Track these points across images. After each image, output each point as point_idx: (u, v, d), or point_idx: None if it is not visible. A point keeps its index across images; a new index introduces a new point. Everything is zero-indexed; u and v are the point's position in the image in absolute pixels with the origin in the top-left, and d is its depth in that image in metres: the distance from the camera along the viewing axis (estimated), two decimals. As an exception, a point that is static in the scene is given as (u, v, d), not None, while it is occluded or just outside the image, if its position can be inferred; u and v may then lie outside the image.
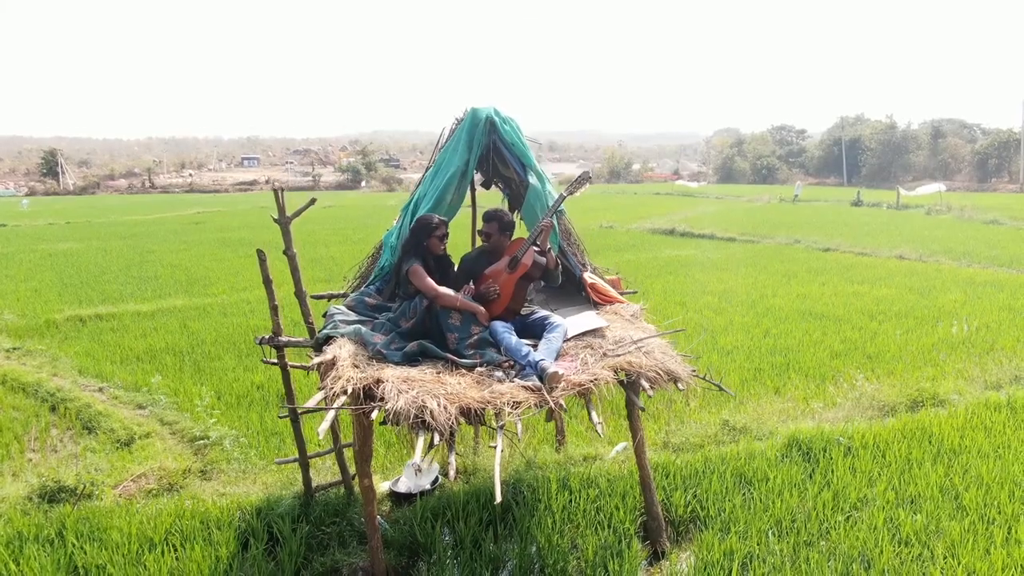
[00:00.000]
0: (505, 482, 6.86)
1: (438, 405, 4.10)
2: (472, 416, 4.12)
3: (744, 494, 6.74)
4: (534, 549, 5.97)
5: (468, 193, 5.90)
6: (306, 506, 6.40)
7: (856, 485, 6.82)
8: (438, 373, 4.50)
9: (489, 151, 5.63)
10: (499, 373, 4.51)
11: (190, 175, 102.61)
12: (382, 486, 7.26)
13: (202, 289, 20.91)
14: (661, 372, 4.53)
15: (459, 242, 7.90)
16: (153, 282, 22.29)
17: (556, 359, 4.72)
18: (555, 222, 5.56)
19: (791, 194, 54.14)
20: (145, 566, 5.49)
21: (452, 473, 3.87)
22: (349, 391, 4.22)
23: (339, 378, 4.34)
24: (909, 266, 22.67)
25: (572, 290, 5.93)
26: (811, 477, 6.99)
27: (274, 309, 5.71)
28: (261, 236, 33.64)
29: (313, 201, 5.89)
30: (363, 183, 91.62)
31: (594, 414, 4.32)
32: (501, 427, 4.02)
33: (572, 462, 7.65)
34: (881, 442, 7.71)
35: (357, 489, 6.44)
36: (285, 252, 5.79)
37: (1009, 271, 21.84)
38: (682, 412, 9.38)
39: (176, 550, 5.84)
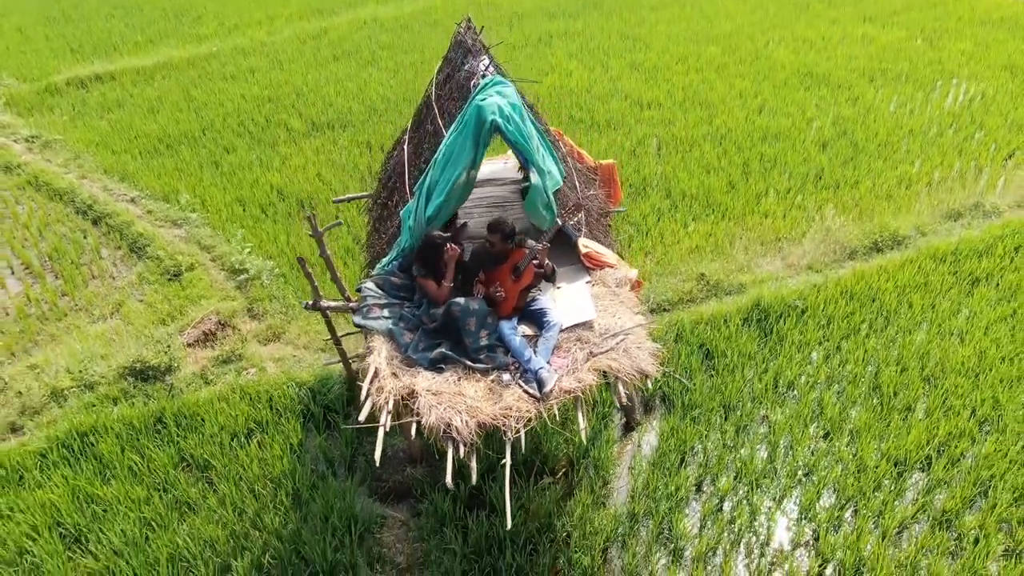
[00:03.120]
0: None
1: (461, 421, 5.36)
2: (488, 427, 5.40)
3: (705, 368, 8.26)
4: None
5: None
6: (351, 390, 7.92)
7: (799, 359, 8.31)
8: (458, 380, 5.64)
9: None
10: (506, 376, 5.65)
11: None
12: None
13: (192, 28, 20.24)
14: (636, 373, 5.67)
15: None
16: (138, 15, 21.43)
17: (552, 352, 5.82)
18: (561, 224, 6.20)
19: None
20: (238, 458, 7.22)
21: (474, 477, 5.27)
22: (391, 405, 5.43)
23: (382, 390, 5.52)
24: (931, -11, 21.44)
25: (568, 250, 6.70)
26: (761, 349, 8.44)
27: (315, 289, 6.55)
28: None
29: (340, 223, 6.50)
30: None
31: (581, 417, 5.58)
32: (511, 441, 5.31)
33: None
34: (830, 304, 9.01)
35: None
36: (321, 255, 6.46)
37: (1033, -1, 20.78)
38: (671, 250, 10.45)
39: (255, 435, 7.55)
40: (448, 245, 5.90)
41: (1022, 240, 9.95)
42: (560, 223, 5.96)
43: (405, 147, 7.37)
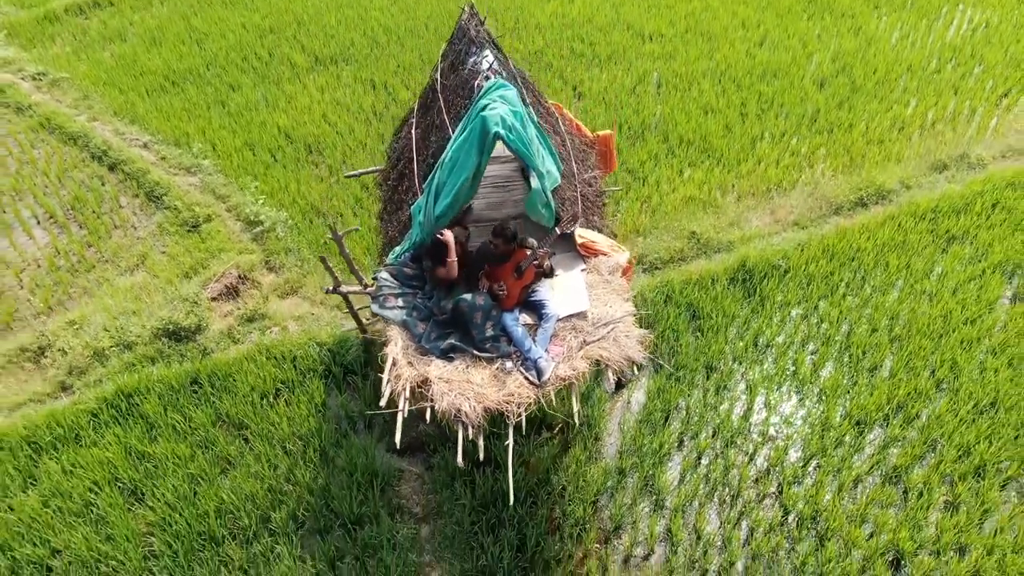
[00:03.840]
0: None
1: (469, 407, 6.13)
2: (493, 412, 6.15)
3: (692, 329, 8.96)
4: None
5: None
6: (367, 352, 8.67)
7: (779, 319, 9.00)
8: (467, 367, 6.34)
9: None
10: (509, 364, 6.35)
11: None
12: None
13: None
14: (624, 360, 6.37)
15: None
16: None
17: (550, 340, 6.49)
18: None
19: None
20: (269, 417, 8.07)
21: (481, 455, 6.08)
22: (408, 392, 6.17)
23: (399, 377, 6.25)
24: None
25: (566, 237, 7.24)
26: (744, 310, 9.11)
27: (335, 277, 7.13)
28: None
29: (356, 229, 6.94)
30: None
31: (575, 402, 6.32)
32: (513, 425, 6.08)
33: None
34: (812, 263, 9.60)
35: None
36: (341, 254, 6.99)
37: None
38: (666, 199, 10.92)
39: (282, 395, 8.36)
40: (439, 233, 6.48)
41: (1000, 196, 10.41)
42: (559, 232, 6.52)
43: (413, 131, 7.77)
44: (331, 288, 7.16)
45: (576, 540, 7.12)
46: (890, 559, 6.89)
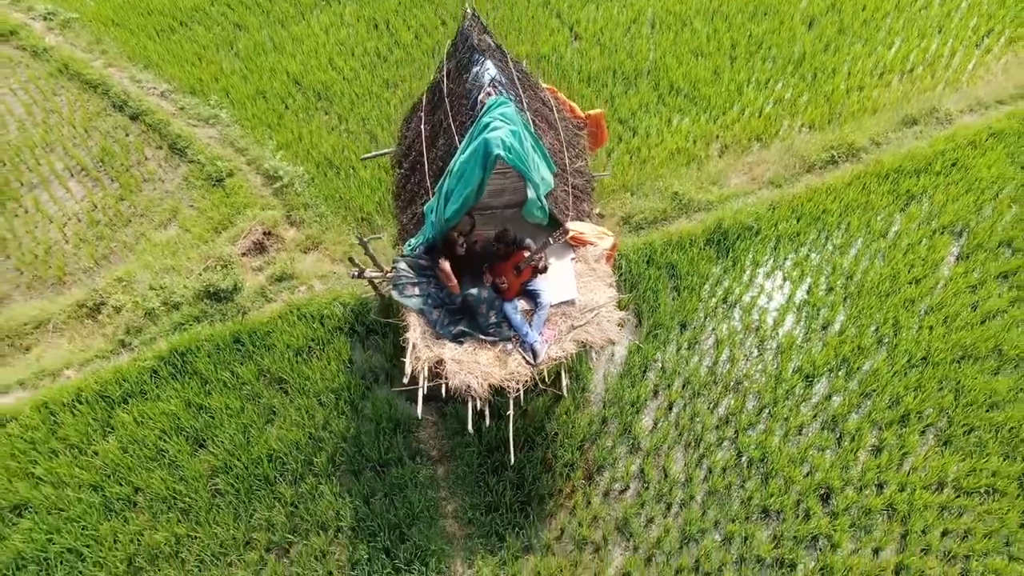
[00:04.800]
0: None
1: (477, 383, 7.46)
2: (497, 388, 7.48)
3: (671, 288, 10.15)
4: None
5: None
6: (387, 312, 9.89)
7: (747, 279, 10.17)
8: (474, 350, 7.60)
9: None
10: (509, 346, 7.60)
11: None
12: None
13: None
14: (605, 341, 7.63)
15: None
16: None
17: (544, 325, 7.72)
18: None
19: None
20: (304, 372, 9.41)
21: (488, 421, 7.45)
22: (426, 372, 7.46)
23: (419, 359, 7.53)
24: None
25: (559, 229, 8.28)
26: (717, 267, 10.26)
27: (357, 265, 8.20)
28: None
29: (379, 236, 7.88)
30: None
31: (565, 378, 7.63)
32: (514, 398, 7.40)
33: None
34: (782, 223, 10.65)
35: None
36: (366, 254, 8.01)
37: None
38: (655, 151, 11.81)
39: (314, 352, 9.68)
40: (440, 261, 7.63)
41: (960, 155, 11.30)
42: (552, 241, 7.59)
43: (422, 125, 8.63)
44: (356, 273, 8.30)
45: (565, 478, 8.65)
46: (821, 494, 8.45)
